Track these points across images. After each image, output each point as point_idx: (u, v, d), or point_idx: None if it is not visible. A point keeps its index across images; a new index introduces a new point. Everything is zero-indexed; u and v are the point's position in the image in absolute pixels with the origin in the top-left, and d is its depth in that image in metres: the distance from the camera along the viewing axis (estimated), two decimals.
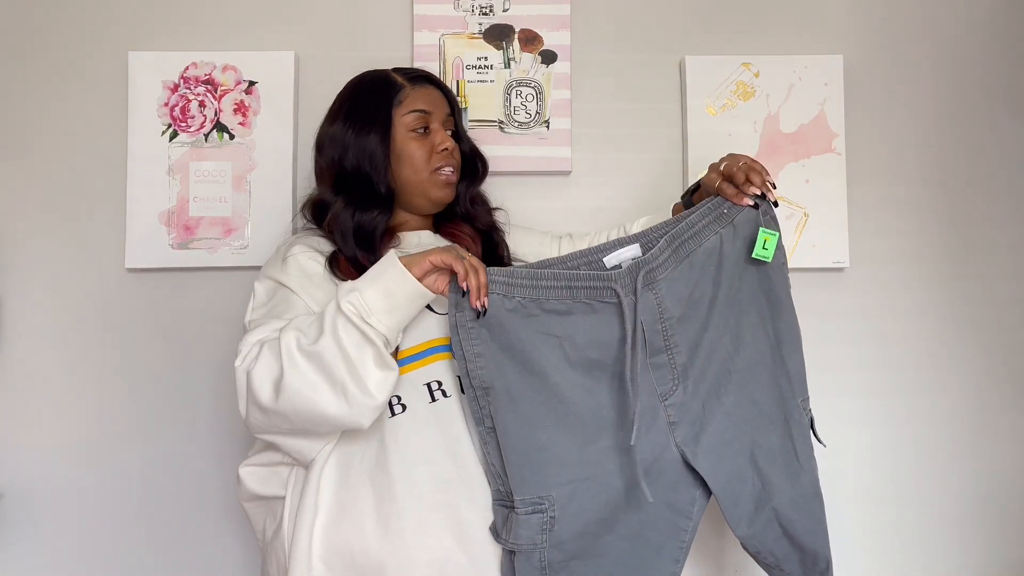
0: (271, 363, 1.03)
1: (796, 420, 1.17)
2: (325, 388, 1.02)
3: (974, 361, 1.67)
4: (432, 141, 1.26)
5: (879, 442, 1.65)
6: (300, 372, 1.01)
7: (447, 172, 1.27)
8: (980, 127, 1.70)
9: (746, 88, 1.65)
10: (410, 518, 1.06)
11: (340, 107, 1.29)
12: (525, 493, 1.08)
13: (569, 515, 1.10)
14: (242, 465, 1.20)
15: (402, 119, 1.24)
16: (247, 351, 1.07)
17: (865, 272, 1.66)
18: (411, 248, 1.25)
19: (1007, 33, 1.71)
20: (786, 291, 1.19)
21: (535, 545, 1.08)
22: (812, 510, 1.17)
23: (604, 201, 1.66)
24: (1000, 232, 1.69)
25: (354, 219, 1.20)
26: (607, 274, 1.10)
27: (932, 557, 1.64)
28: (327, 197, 1.26)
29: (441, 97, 1.30)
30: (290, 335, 1.03)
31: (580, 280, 1.09)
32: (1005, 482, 1.66)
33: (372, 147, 1.22)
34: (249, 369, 1.04)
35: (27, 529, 1.57)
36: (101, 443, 1.58)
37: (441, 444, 1.10)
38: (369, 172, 1.22)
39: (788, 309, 1.19)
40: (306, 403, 1.02)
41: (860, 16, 1.71)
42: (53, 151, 1.62)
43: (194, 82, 1.61)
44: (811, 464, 1.18)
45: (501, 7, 1.65)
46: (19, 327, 1.59)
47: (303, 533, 1.07)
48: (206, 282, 1.61)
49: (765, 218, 1.16)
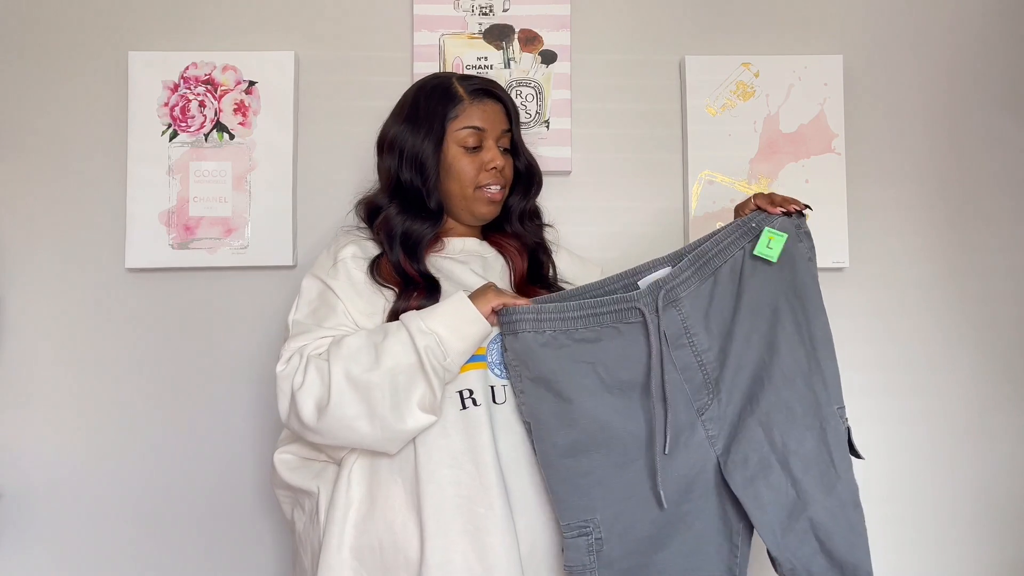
0: (317, 387, 1.09)
1: (833, 427, 1.15)
2: (364, 419, 1.09)
3: (974, 361, 1.67)
4: (482, 158, 1.26)
5: (880, 441, 1.65)
6: (345, 402, 1.08)
7: (493, 190, 1.28)
8: (980, 127, 1.70)
9: (746, 88, 1.65)
10: (432, 518, 1.09)
11: (402, 108, 1.30)
12: (570, 518, 1.13)
13: (616, 535, 1.13)
14: (277, 452, 1.25)
15: (455, 133, 1.25)
16: (288, 357, 1.13)
17: (865, 272, 1.66)
18: (455, 253, 1.28)
19: (1007, 33, 1.71)
20: (818, 296, 1.18)
21: (584, 566, 1.12)
22: (851, 521, 1.13)
23: (604, 201, 1.66)
24: (1000, 232, 1.69)
25: (404, 226, 1.23)
26: (630, 295, 1.14)
27: (932, 556, 1.64)
28: (380, 201, 1.28)
29: (499, 112, 1.28)
30: (339, 365, 1.09)
31: (605, 305, 1.14)
32: (1005, 482, 1.66)
33: (424, 158, 1.24)
34: (295, 389, 1.10)
35: (27, 529, 1.57)
36: (101, 443, 1.58)
37: (467, 451, 1.12)
38: (420, 185, 1.24)
39: (821, 313, 1.17)
40: (344, 431, 1.10)
41: (860, 16, 1.71)
42: (53, 151, 1.62)
43: (194, 82, 1.61)
44: (849, 474, 1.14)
45: (501, 7, 1.65)
46: (19, 327, 1.59)
47: (335, 525, 1.12)
48: (206, 282, 1.61)
49: (797, 229, 1.18)
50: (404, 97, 1.32)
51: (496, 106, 1.28)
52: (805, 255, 1.18)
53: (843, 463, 1.14)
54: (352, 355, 1.10)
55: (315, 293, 1.21)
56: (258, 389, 1.60)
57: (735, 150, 1.64)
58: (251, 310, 1.61)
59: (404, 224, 1.23)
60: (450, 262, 1.27)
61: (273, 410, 1.56)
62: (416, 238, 1.23)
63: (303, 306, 1.20)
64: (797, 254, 1.17)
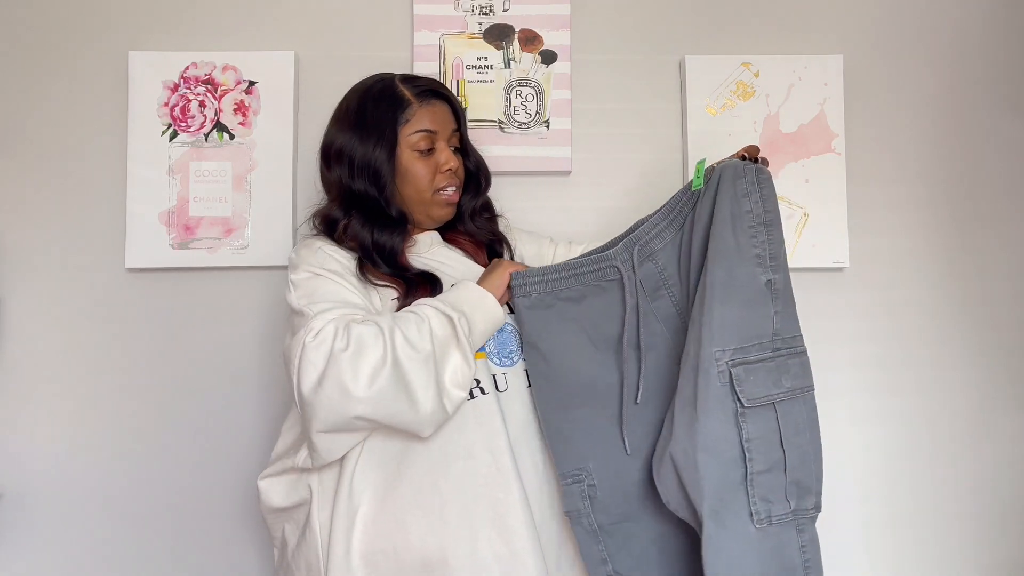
0: (373, 352, 1.04)
1: (704, 370, 1.10)
2: (421, 388, 1.06)
3: (974, 361, 1.67)
4: (436, 160, 1.26)
5: (879, 441, 1.65)
6: (407, 368, 1.05)
7: (449, 192, 1.28)
8: (980, 127, 1.70)
9: (746, 88, 1.65)
10: (453, 511, 1.10)
11: (346, 116, 1.27)
12: (564, 467, 1.19)
13: (608, 482, 1.19)
14: (260, 477, 1.23)
15: (407, 138, 1.23)
16: (321, 327, 1.06)
17: (865, 272, 1.66)
18: (424, 248, 1.28)
19: (1007, 33, 1.72)
20: (730, 236, 1.12)
21: (579, 512, 1.19)
22: (697, 464, 1.10)
23: (604, 201, 1.66)
24: (1000, 232, 1.69)
25: (373, 238, 1.22)
26: (607, 254, 1.19)
27: (932, 556, 1.64)
28: (336, 214, 1.25)
29: (447, 112, 1.28)
30: (398, 334, 1.06)
31: (585, 266, 1.19)
32: (1005, 482, 1.66)
33: (378, 165, 1.22)
34: (338, 352, 1.03)
35: (27, 529, 1.57)
36: (101, 443, 1.58)
37: (480, 439, 1.13)
38: (375, 194, 1.23)
39: (731, 256, 1.12)
40: (395, 401, 1.05)
41: (860, 16, 1.71)
42: (53, 151, 1.62)
43: (194, 82, 1.61)
44: (710, 419, 1.09)
45: (501, 7, 1.65)
46: (19, 327, 1.59)
47: (339, 534, 1.10)
48: (206, 282, 1.61)
49: (743, 167, 1.14)
50: (346, 103, 1.29)
51: (444, 106, 1.28)
52: (740, 192, 1.13)
53: (706, 406, 1.10)
54: (403, 322, 1.08)
55: (313, 277, 1.16)
56: (258, 389, 1.60)
57: (735, 150, 1.61)
58: (251, 310, 1.61)
59: (374, 236, 1.21)
60: (426, 259, 1.26)
61: (274, 409, 1.58)
62: (389, 248, 1.22)
63: (304, 293, 1.14)
64: (729, 193, 1.13)
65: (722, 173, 1.15)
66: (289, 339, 1.12)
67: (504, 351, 1.20)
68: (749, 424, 1.10)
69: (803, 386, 1.12)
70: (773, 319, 1.12)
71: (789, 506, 1.10)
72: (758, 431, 1.10)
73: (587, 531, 1.19)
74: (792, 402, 1.11)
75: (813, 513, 1.12)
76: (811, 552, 1.12)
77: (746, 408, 1.09)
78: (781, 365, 1.11)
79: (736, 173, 1.14)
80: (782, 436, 1.10)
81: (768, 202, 1.13)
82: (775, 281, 1.12)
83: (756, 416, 1.10)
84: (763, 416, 1.10)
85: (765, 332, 1.11)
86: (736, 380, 1.10)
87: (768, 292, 1.12)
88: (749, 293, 1.11)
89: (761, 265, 1.12)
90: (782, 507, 1.10)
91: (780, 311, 1.12)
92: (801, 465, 1.11)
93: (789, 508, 1.10)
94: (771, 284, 1.12)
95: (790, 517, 1.11)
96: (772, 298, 1.12)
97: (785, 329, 1.12)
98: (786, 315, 1.13)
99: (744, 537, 1.09)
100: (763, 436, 1.10)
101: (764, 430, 1.10)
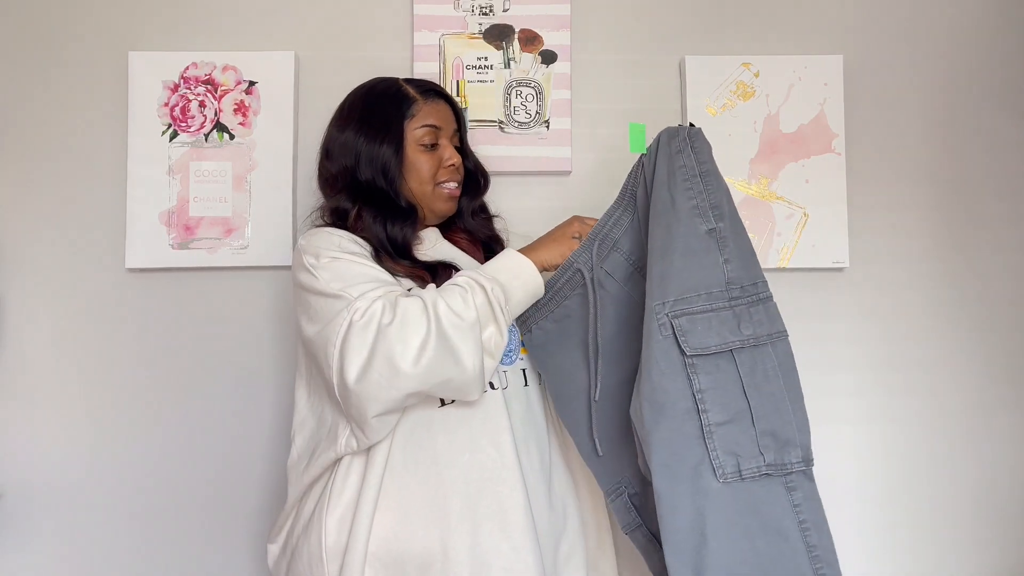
0: (419, 326, 1.04)
1: (647, 326, 1.08)
2: (469, 355, 1.06)
3: (974, 361, 1.67)
4: (440, 156, 1.28)
5: (879, 442, 1.65)
6: (447, 341, 1.05)
7: (451, 187, 1.30)
8: (980, 127, 1.70)
9: (746, 88, 1.65)
10: (456, 504, 1.10)
11: (350, 114, 1.29)
12: (605, 484, 1.21)
13: (646, 486, 1.16)
14: (270, 542, 1.25)
15: (413, 132, 1.26)
16: (367, 306, 1.04)
17: (865, 272, 1.66)
18: (428, 246, 1.28)
19: (1007, 33, 1.71)
20: (667, 194, 1.10)
21: (629, 524, 1.20)
22: (643, 419, 1.07)
23: (604, 201, 1.64)
24: (1000, 232, 1.69)
25: (386, 231, 1.22)
26: (569, 259, 1.19)
27: (932, 556, 1.64)
28: (344, 205, 1.26)
29: (449, 112, 1.32)
30: (442, 304, 1.07)
31: (557, 279, 1.20)
32: (1005, 482, 1.66)
33: (386, 159, 1.24)
34: (385, 327, 1.03)
35: (27, 529, 1.57)
36: (101, 443, 1.58)
37: (486, 434, 1.14)
38: (384, 186, 1.24)
39: (668, 212, 1.10)
40: (443, 370, 1.05)
41: (860, 16, 1.71)
42: (53, 151, 1.62)
43: (194, 82, 1.61)
44: (654, 372, 1.06)
45: (501, 7, 1.65)
46: (19, 327, 1.59)
47: (344, 525, 1.11)
48: (206, 282, 1.61)
49: (680, 127, 1.14)
50: (349, 102, 1.31)
51: (446, 106, 1.32)
52: (674, 150, 1.12)
53: (649, 360, 1.06)
54: (446, 294, 1.09)
55: (341, 263, 1.12)
56: (259, 388, 1.60)
57: (735, 150, 1.64)
58: (251, 310, 1.61)
59: (387, 229, 1.22)
60: (431, 256, 1.26)
61: (274, 409, 1.58)
62: (401, 240, 1.22)
63: (339, 277, 1.10)
64: (665, 153, 1.13)
65: (659, 139, 1.15)
66: (315, 325, 1.09)
67: (504, 349, 1.20)
68: (701, 375, 1.05)
69: (770, 332, 1.06)
70: (724, 267, 1.07)
71: (763, 459, 1.03)
72: (712, 381, 1.05)
73: (646, 542, 1.17)
74: (757, 349, 1.06)
75: (801, 467, 1.04)
76: (808, 511, 1.04)
77: (691, 358, 1.04)
78: (741, 313, 1.06)
79: (670, 134, 1.14)
80: (744, 385, 1.05)
81: (701, 154, 1.11)
82: (720, 229, 1.08)
83: (709, 365, 1.05)
84: (718, 365, 1.05)
85: (715, 281, 1.07)
86: (679, 330, 1.05)
87: (713, 240, 1.08)
88: (690, 243, 1.07)
89: (701, 216, 1.08)
90: (754, 461, 1.03)
91: (731, 259, 1.08)
92: (775, 414, 1.04)
93: (763, 462, 1.03)
94: (715, 232, 1.08)
95: (768, 471, 1.03)
96: (719, 246, 1.08)
97: (742, 277, 1.07)
98: (741, 262, 1.08)
99: (705, 493, 1.02)
100: (719, 386, 1.05)
101: (720, 380, 1.05)
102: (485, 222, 1.41)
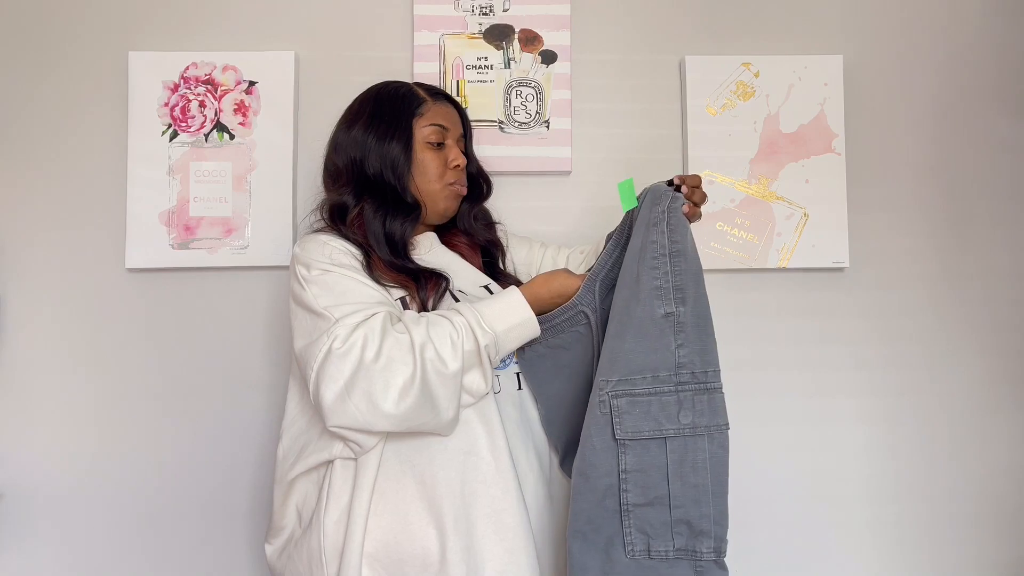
0: (404, 370, 1.05)
1: (592, 395, 1.11)
2: (446, 401, 1.08)
3: (974, 361, 1.67)
4: (447, 156, 1.30)
5: (879, 442, 1.65)
6: (429, 388, 1.06)
7: (457, 186, 1.32)
8: (979, 127, 1.70)
9: (746, 88, 1.65)
10: (453, 506, 1.11)
11: (360, 113, 1.30)
12: None
13: None
14: (267, 543, 1.25)
15: (421, 130, 1.27)
16: (348, 334, 1.05)
17: (865, 272, 1.66)
18: (424, 250, 1.28)
19: (1006, 33, 1.71)
20: (640, 267, 1.10)
21: None
22: (574, 486, 1.12)
23: (604, 201, 1.66)
24: (1000, 232, 1.69)
25: (385, 226, 1.23)
26: (573, 301, 1.17)
27: (932, 556, 1.64)
28: (347, 199, 1.26)
29: (457, 117, 1.34)
30: (430, 350, 1.07)
31: (557, 316, 1.18)
32: (1005, 482, 1.66)
33: (395, 155, 1.25)
34: (369, 364, 1.04)
35: (27, 529, 1.57)
36: (101, 443, 1.58)
37: (483, 437, 1.14)
38: (392, 181, 1.25)
39: (630, 287, 1.10)
40: (420, 416, 1.07)
41: (860, 16, 1.71)
42: (53, 151, 1.62)
43: (194, 82, 1.61)
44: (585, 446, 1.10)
45: (501, 7, 1.65)
46: (19, 327, 1.59)
47: (341, 527, 1.12)
48: (206, 282, 1.61)
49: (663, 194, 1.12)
50: (360, 103, 1.32)
51: (454, 110, 1.34)
52: (652, 221, 1.11)
53: (588, 432, 1.10)
54: (437, 334, 1.09)
55: (327, 274, 1.14)
56: (258, 389, 1.60)
57: (735, 150, 1.64)
58: (251, 310, 1.61)
59: (386, 224, 1.23)
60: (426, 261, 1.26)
61: (274, 408, 1.58)
62: (399, 237, 1.23)
63: (325, 293, 1.11)
64: (644, 219, 1.12)
65: (646, 197, 1.13)
66: (301, 340, 1.11)
67: None
68: (629, 455, 1.08)
69: (708, 424, 1.07)
70: (676, 352, 1.08)
71: (673, 544, 1.07)
72: (639, 464, 1.08)
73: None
74: (692, 439, 1.07)
75: (712, 556, 1.06)
76: None
77: (622, 441, 1.08)
78: (684, 399, 1.07)
79: (653, 199, 1.12)
80: (669, 473, 1.07)
81: (675, 232, 1.10)
82: (679, 314, 1.08)
83: (639, 448, 1.08)
84: (648, 449, 1.08)
85: (663, 364, 1.08)
86: (615, 411, 1.08)
87: (668, 323, 1.08)
88: (644, 326, 1.08)
89: (661, 297, 1.09)
90: (663, 544, 1.07)
91: (685, 343, 1.08)
92: (694, 505, 1.06)
93: (672, 546, 1.07)
94: (672, 317, 1.08)
95: (677, 555, 1.07)
96: (674, 331, 1.08)
97: (694, 363, 1.08)
98: (698, 347, 1.08)
99: (613, 562, 1.08)
100: (644, 470, 1.08)
101: (647, 464, 1.08)
102: (485, 226, 1.41)
